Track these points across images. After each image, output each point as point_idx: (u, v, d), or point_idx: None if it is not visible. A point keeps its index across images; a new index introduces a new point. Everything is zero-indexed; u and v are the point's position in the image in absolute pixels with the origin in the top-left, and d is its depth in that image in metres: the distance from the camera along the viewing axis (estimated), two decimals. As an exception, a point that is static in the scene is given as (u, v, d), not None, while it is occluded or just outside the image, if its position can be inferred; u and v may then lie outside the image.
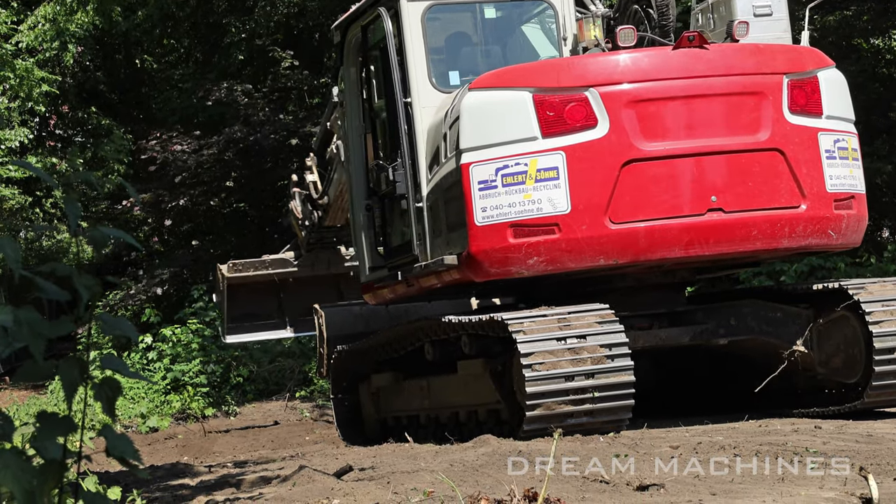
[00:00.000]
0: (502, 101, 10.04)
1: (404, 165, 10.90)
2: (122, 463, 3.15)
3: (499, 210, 9.92)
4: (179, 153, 23.88)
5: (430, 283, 10.97)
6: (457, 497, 6.54)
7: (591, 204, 9.83)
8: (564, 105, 9.86)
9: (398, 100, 10.92)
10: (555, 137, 9.85)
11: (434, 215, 10.68)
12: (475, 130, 10.02)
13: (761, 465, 7.52)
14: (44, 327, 3.01)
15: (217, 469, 10.75)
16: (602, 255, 9.89)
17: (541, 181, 9.83)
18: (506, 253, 9.93)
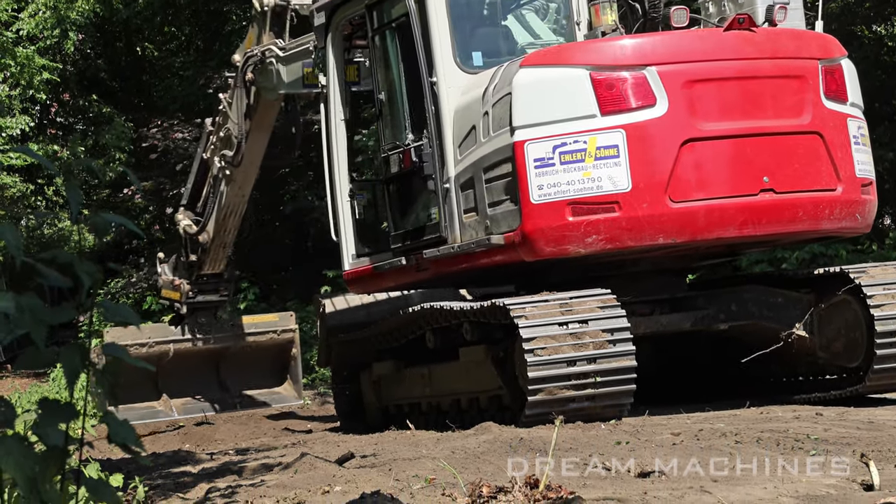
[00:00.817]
0: (558, 79, 9.99)
1: (432, 145, 10.79)
2: (125, 450, 3.15)
3: (557, 188, 9.84)
4: (180, 141, 23.87)
5: (460, 266, 10.80)
6: (458, 484, 6.54)
7: (652, 182, 9.83)
8: (623, 83, 9.86)
9: (424, 80, 10.82)
10: (614, 115, 9.83)
11: (467, 195, 10.57)
12: (530, 107, 9.95)
13: (763, 451, 7.52)
14: (46, 314, 3.00)
15: (219, 456, 10.75)
16: (661, 233, 9.90)
17: (600, 159, 9.79)
18: (563, 231, 9.86)
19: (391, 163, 11.35)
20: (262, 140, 14.44)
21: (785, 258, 16.38)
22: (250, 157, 14.40)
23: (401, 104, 11.31)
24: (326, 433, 13.73)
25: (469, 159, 10.52)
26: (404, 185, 11.37)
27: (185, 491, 7.66)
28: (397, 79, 11.36)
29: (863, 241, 17.59)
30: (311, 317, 20.80)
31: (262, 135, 14.41)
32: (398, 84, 11.35)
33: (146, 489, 7.26)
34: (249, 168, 14.63)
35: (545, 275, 10.69)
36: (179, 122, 24.61)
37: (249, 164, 14.54)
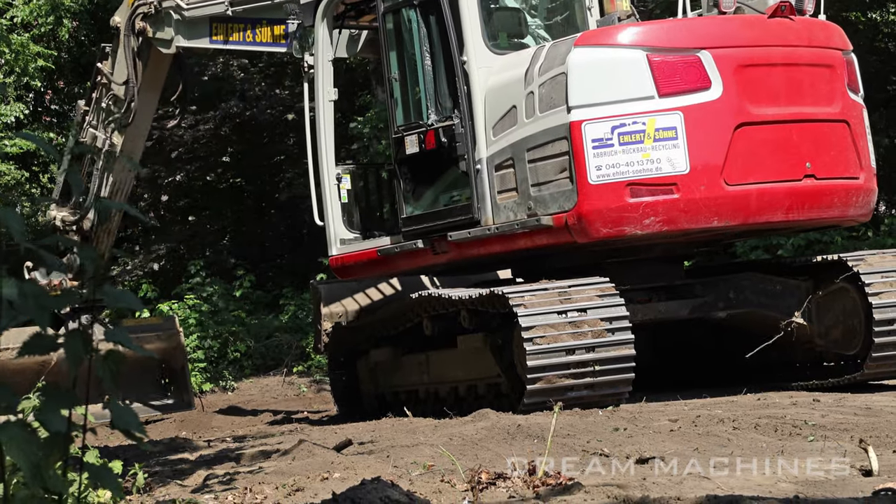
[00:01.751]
0: (615, 60, 9.98)
1: (464, 126, 10.72)
2: (127, 435, 3.13)
3: (615, 168, 9.83)
4: (175, 128, 23.82)
5: (491, 249, 10.72)
6: (457, 470, 6.55)
7: (709, 165, 9.87)
8: (680, 66, 9.88)
9: (455, 59, 10.74)
10: (672, 97, 9.86)
11: (502, 176, 10.49)
12: (587, 87, 9.92)
13: (760, 437, 7.54)
14: (48, 300, 2.97)
15: (216, 444, 10.75)
16: (716, 216, 9.93)
17: (659, 140, 9.80)
18: (621, 213, 9.84)
19: (407, 144, 11.18)
20: (152, 100, 13.85)
21: (781, 245, 16.37)
22: (140, 118, 13.68)
23: (422, 84, 11.13)
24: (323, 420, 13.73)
25: (507, 139, 10.43)
26: (424, 166, 11.18)
27: (184, 478, 7.67)
28: (418, 58, 11.16)
29: (858, 227, 17.59)
30: (306, 304, 20.80)
31: (153, 94, 13.79)
32: (419, 64, 11.15)
33: (146, 475, 7.25)
34: (138, 135, 13.93)
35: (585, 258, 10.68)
36: (174, 109, 24.55)
37: (138, 129, 13.85)
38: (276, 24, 12.72)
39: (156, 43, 13.32)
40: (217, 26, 13.14)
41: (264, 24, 12.93)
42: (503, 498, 5.73)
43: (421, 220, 11.18)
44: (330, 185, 11.91)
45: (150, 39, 13.34)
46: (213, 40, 13.21)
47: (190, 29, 13.08)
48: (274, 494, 6.47)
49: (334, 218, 11.89)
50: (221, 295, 21.79)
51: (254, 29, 13.04)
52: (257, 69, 24.34)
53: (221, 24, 13.09)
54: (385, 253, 11.45)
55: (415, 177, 11.28)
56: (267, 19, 12.88)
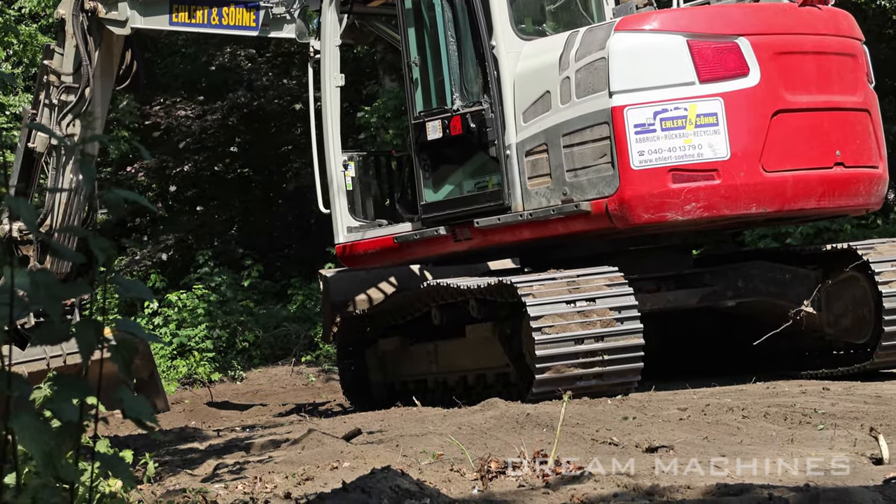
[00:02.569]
0: (657, 45, 9.98)
1: (494, 111, 10.66)
2: (139, 424, 3.13)
3: (658, 154, 9.82)
4: (183, 119, 23.82)
5: (521, 235, 10.67)
6: (466, 459, 6.55)
7: (749, 151, 9.90)
8: (719, 52, 9.90)
9: (484, 44, 10.69)
10: (712, 83, 9.88)
11: (534, 162, 10.44)
12: (628, 72, 9.92)
13: (770, 426, 7.53)
14: (60, 290, 2.97)
15: (226, 433, 10.77)
16: (755, 202, 9.96)
17: (700, 126, 9.82)
18: (664, 198, 9.84)
19: (428, 129, 11.08)
20: (107, 86, 13.14)
21: (789, 233, 16.35)
22: (96, 104, 12.97)
23: (445, 69, 11.05)
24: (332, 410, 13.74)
25: (540, 125, 10.39)
26: (448, 151, 11.10)
27: (194, 467, 7.68)
28: (442, 43, 11.08)
29: (868, 216, 17.57)
30: (314, 293, 20.81)
31: (107, 80, 13.10)
32: (443, 48, 11.07)
33: (156, 465, 7.27)
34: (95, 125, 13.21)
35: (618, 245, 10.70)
36: (182, 99, 24.56)
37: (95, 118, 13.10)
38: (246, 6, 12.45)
39: (108, 24, 12.68)
40: (178, 6, 12.67)
41: (232, 5, 12.58)
42: (513, 487, 5.73)
43: (443, 206, 11.10)
44: (336, 173, 11.86)
45: (102, 20, 12.71)
46: (173, 21, 12.68)
47: (147, 7, 12.55)
48: (284, 484, 6.48)
49: (341, 205, 11.86)
50: (230, 285, 21.82)
51: (220, 10, 12.62)
52: (265, 59, 24.33)
53: (183, 4, 12.62)
54: (403, 240, 11.38)
55: (437, 163, 11.17)
56: (234, 2, 12.57)
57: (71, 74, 12.76)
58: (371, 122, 20.94)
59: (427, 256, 11.69)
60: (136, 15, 12.65)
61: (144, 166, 24.90)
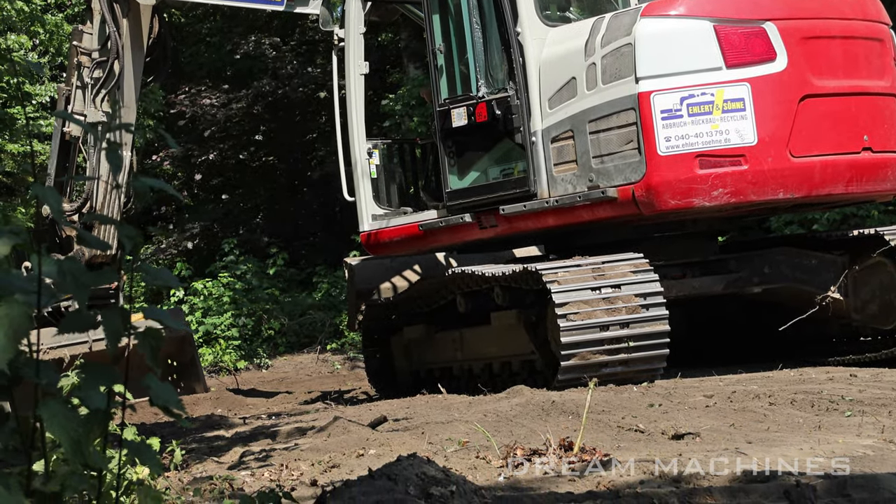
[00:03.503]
0: (683, 30, 9.94)
1: (520, 97, 10.63)
2: (166, 412, 3.15)
3: (685, 140, 9.80)
4: (208, 107, 23.89)
5: (546, 222, 10.64)
6: (492, 446, 6.55)
7: (776, 136, 9.87)
8: (746, 37, 9.87)
9: (510, 31, 10.65)
10: (739, 68, 9.85)
11: (560, 148, 10.42)
12: (655, 58, 9.89)
13: (797, 413, 7.50)
14: (87, 278, 2.97)
15: (252, 421, 10.80)
16: (782, 188, 9.94)
17: (728, 112, 9.80)
18: (691, 184, 9.82)
19: (453, 116, 11.06)
20: (138, 58, 12.87)
21: (816, 219, 16.27)
22: (128, 78, 12.81)
23: (471, 56, 11.03)
24: (357, 397, 13.77)
25: (565, 111, 10.37)
26: (473, 138, 11.07)
27: (220, 455, 7.70)
28: (467, 30, 11.05)
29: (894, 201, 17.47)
30: (339, 281, 20.85)
31: (138, 53, 12.84)
32: (468, 35, 11.04)
33: (183, 452, 7.29)
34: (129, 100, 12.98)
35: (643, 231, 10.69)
36: (207, 88, 24.62)
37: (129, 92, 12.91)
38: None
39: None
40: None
41: None
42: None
43: (469, 193, 11.08)
44: (361, 160, 11.87)
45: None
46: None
47: None
48: (310, 471, 6.50)
49: (365, 193, 11.86)
50: (255, 273, 21.89)
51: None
52: (289, 47, 24.36)
53: None
54: (428, 227, 11.38)
55: (462, 150, 11.16)
56: None
57: (99, 49, 12.66)
58: (395, 110, 20.94)
59: (452, 244, 11.68)
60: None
61: (170, 155, 24.99)
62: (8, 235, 2.94)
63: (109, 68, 12.58)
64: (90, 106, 12.64)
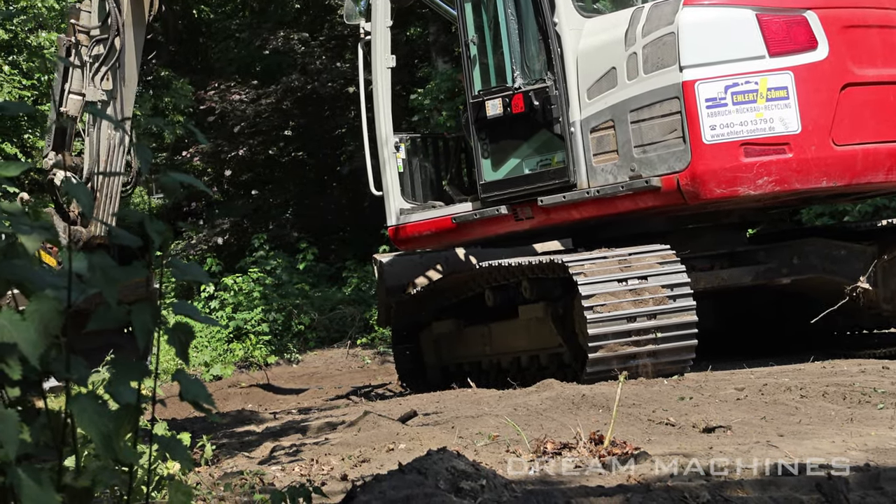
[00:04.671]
0: (726, 19, 9.95)
1: (559, 88, 10.62)
2: (196, 407, 3.16)
3: (730, 128, 9.80)
4: (238, 103, 23.97)
5: (586, 213, 10.61)
6: (522, 440, 6.55)
7: (819, 125, 9.87)
8: (788, 25, 9.87)
9: (547, 21, 10.62)
10: (782, 57, 9.85)
11: (599, 138, 10.39)
12: (699, 47, 9.89)
13: (829, 405, 7.47)
14: (117, 273, 3.02)
15: (282, 415, 10.84)
16: (825, 176, 9.93)
17: (772, 100, 9.80)
18: (736, 172, 9.81)
19: (488, 108, 11.01)
20: (140, 35, 12.53)
21: (847, 210, 16.20)
22: (129, 55, 12.43)
23: (506, 47, 10.98)
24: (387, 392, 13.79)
25: (605, 101, 10.35)
26: (508, 130, 11.04)
27: (251, 450, 7.73)
28: (502, 21, 11.02)
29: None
30: (369, 276, 20.88)
31: (139, 30, 12.49)
32: (503, 26, 11.01)
33: (213, 447, 7.33)
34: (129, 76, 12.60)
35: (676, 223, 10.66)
36: (236, 83, 24.70)
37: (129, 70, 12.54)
38: None
39: None
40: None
41: None
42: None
43: (504, 185, 11.04)
44: (388, 154, 11.86)
45: None
46: None
47: None
48: (340, 465, 6.51)
49: (393, 188, 11.86)
50: (285, 268, 21.96)
51: None
52: (318, 42, 24.39)
53: None
54: (462, 220, 11.34)
55: (497, 141, 11.11)
56: None
57: (99, 27, 12.32)
58: (424, 105, 20.94)
59: (485, 236, 11.62)
60: None
61: (200, 151, 25.07)
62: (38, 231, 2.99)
63: (110, 45, 12.27)
64: (89, 84, 12.34)
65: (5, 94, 19.80)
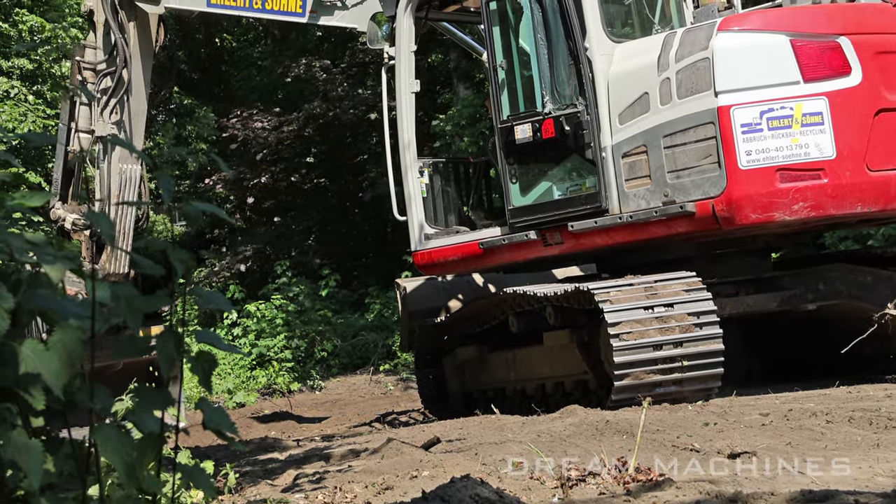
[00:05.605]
0: (760, 45, 9.97)
1: (590, 113, 10.61)
2: (219, 435, 3.18)
3: (765, 154, 9.80)
4: (260, 130, 24.08)
5: (617, 239, 10.60)
6: (546, 467, 6.52)
7: (853, 150, 9.88)
8: (822, 51, 9.88)
9: (579, 47, 10.62)
10: (816, 83, 9.86)
11: (631, 163, 10.38)
12: (734, 72, 9.90)
13: (855, 431, 7.42)
14: (140, 302, 3.03)
15: (305, 443, 10.84)
16: (860, 201, 9.94)
17: (807, 126, 9.81)
18: (772, 198, 9.81)
19: (517, 133, 11.00)
20: (147, 65, 12.52)
21: (871, 234, 16.13)
22: (137, 87, 12.43)
23: (536, 72, 10.99)
24: (410, 418, 13.78)
25: (638, 126, 10.35)
26: (537, 155, 11.01)
27: (274, 477, 7.73)
28: (531, 46, 11.03)
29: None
30: (392, 302, 20.89)
31: (147, 61, 12.47)
32: (532, 51, 11.01)
33: (237, 475, 7.33)
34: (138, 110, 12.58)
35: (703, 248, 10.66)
36: (259, 111, 24.83)
37: (137, 102, 12.53)
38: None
39: (140, 2, 12.28)
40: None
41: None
42: (593, 494, 5.70)
43: (533, 210, 11.01)
44: (413, 179, 11.85)
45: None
46: (211, 3, 12.22)
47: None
48: (363, 493, 6.50)
49: (417, 213, 11.85)
50: (307, 295, 22.00)
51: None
52: (339, 70, 24.50)
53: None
54: (489, 245, 11.30)
55: (526, 166, 11.08)
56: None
57: (106, 60, 12.30)
58: (446, 131, 20.99)
59: (513, 262, 11.55)
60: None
61: (222, 178, 25.18)
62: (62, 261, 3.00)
63: (118, 78, 12.26)
64: (98, 120, 12.30)
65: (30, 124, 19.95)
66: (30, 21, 21.80)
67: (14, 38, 21.64)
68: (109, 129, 12.37)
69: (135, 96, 12.49)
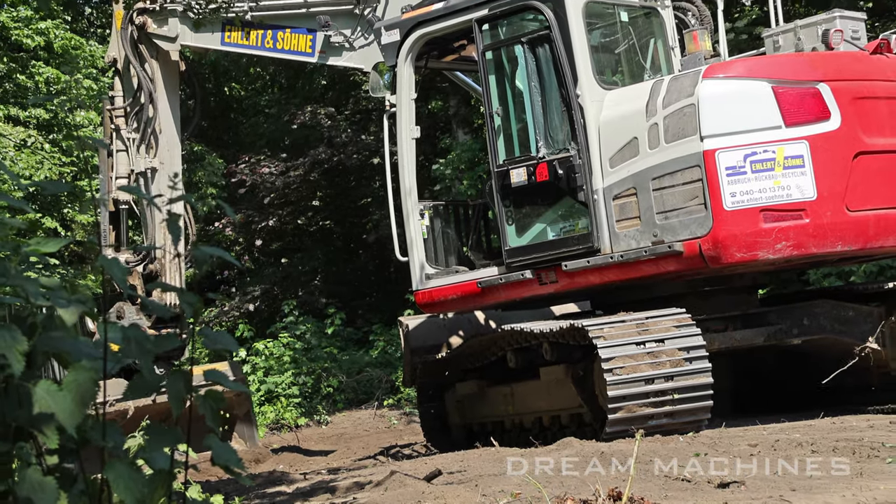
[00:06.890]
0: (743, 91, 10.27)
1: (582, 157, 10.85)
2: (227, 471, 3.33)
3: (749, 195, 10.08)
4: (268, 175, 24.34)
5: (608, 277, 10.81)
6: (543, 498, 6.67)
7: (833, 192, 10.16)
8: (803, 97, 10.19)
9: (570, 93, 10.92)
10: (797, 127, 10.15)
11: (622, 205, 10.64)
12: (718, 117, 10.20)
13: (839, 460, 7.58)
14: (151, 343, 3.18)
15: (312, 476, 10.97)
16: (840, 241, 10.21)
17: (789, 168, 10.09)
18: (756, 237, 10.09)
19: (512, 176, 11.25)
20: (174, 98, 12.79)
21: (853, 271, 16.30)
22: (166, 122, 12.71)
23: (530, 118, 11.27)
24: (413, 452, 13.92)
25: (628, 170, 10.61)
26: (532, 197, 11.29)
27: (281, 510, 7.88)
28: (526, 93, 11.32)
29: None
30: (395, 339, 21.08)
31: (172, 94, 12.73)
32: (527, 98, 11.30)
33: (244, 508, 7.48)
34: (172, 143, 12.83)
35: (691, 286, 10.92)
36: (266, 157, 25.14)
37: (168, 136, 12.79)
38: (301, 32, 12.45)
39: (157, 39, 12.59)
40: (232, 26, 12.48)
41: (288, 29, 12.50)
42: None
43: (529, 250, 11.26)
44: (414, 221, 12.07)
45: (151, 35, 12.59)
46: (225, 41, 12.50)
47: (199, 25, 12.33)
48: (367, 524, 6.63)
49: (418, 253, 12.07)
50: (314, 333, 22.21)
51: (275, 33, 12.51)
52: (343, 116, 24.80)
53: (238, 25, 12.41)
54: (486, 284, 11.51)
55: (521, 209, 11.37)
56: (291, 27, 12.53)
57: (132, 101, 12.49)
58: (445, 174, 21.21)
59: (509, 300, 11.78)
60: (186, 31, 12.63)
61: (231, 221, 25.41)
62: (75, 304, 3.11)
63: (145, 114, 12.42)
64: (136, 159, 12.42)
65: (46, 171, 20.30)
66: (46, 73, 22.23)
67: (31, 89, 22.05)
68: (147, 164, 12.55)
69: (165, 128, 12.68)
